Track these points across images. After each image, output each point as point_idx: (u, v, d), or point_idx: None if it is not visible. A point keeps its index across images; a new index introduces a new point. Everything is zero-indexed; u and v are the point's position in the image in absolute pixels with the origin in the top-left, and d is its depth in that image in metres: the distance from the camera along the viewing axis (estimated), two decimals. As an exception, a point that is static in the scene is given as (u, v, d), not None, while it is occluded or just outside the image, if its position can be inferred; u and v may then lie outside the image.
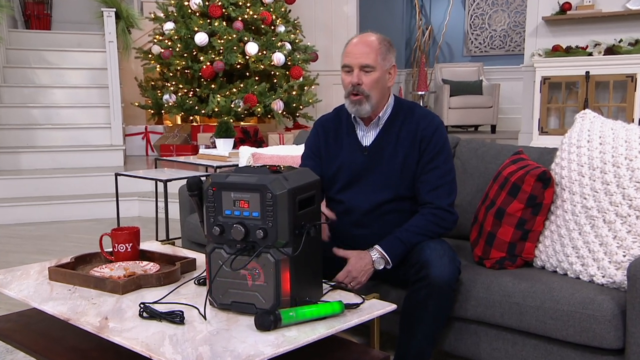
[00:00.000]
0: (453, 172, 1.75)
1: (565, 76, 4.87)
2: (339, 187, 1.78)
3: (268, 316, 1.24)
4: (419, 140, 1.71)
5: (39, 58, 5.69)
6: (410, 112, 1.76)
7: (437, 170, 1.70)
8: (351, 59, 1.69)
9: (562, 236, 1.64)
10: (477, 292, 1.63)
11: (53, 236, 3.83)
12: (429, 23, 8.52)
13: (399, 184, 1.72)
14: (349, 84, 1.70)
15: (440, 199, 1.69)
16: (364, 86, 1.68)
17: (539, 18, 5.10)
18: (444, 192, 1.70)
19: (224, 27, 5.17)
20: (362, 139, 1.78)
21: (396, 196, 1.73)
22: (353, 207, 1.74)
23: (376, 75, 1.69)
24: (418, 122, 1.73)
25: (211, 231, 1.34)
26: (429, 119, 1.74)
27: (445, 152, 1.73)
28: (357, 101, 1.70)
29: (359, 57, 1.67)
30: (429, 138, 1.71)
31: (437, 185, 1.70)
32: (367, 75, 1.68)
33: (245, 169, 1.40)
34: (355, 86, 1.68)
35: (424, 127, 1.72)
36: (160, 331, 1.23)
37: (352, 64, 1.68)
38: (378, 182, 1.73)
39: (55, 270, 1.58)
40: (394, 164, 1.72)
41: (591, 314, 1.45)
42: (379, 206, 1.72)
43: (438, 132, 1.72)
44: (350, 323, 1.31)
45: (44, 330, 1.56)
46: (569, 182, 1.66)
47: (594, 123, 1.72)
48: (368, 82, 1.68)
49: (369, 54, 1.67)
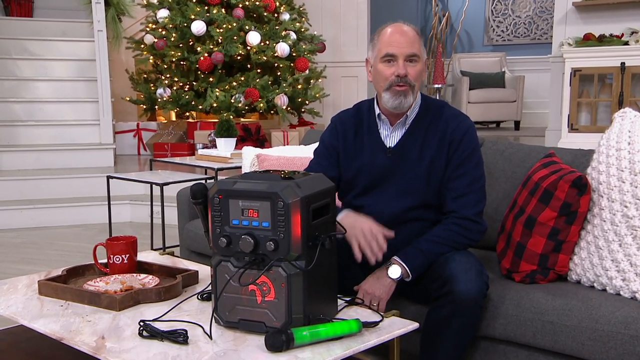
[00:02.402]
0: (483, 179, 1.74)
1: (598, 67, 4.85)
2: (359, 192, 1.77)
3: (279, 336, 1.24)
4: (447, 143, 1.71)
5: (20, 48, 5.71)
6: (439, 112, 1.76)
7: (465, 177, 1.70)
8: (396, 48, 1.67)
9: (600, 248, 1.64)
10: (506, 308, 1.63)
11: (37, 244, 3.85)
12: (446, 9, 8.51)
13: (425, 190, 1.72)
14: (391, 75, 1.68)
15: (466, 208, 1.69)
16: (409, 77, 1.68)
17: (568, 3, 5.08)
18: (470, 201, 1.70)
19: (223, 15, 5.18)
20: (385, 140, 1.78)
21: (422, 203, 1.73)
22: (373, 213, 1.73)
23: (420, 67, 1.71)
24: (447, 123, 1.73)
25: (217, 242, 1.35)
26: (459, 120, 1.74)
27: (475, 158, 1.72)
28: (403, 92, 1.68)
29: (404, 47, 1.67)
30: (458, 141, 1.71)
31: (464, 192, 1.70)
32: (412, 65, 1.68)
33: (254, 174, 1.41)
34: (403, 77, 1.67)
35: (453, 129, 1.72)
36: (163, 352, 1.24)
37: (398, 54, 1.67)
38: (402, 188, 1.73)
39: (46, 284, 1.59)
40: (420, 168, 1.72)
41: (635, 334, 1.44)
42: (403, 214, 1.72)
43: (468, 135, 1.72)
44: (369, 343, 1.31)
45: (34, 350, 1.57)
46: (607, 188, 1.65)
47: (635, 123, 1.71)
48: (414, 73, 1.68)
49: (414, 44, 1.68)
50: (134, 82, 5.75)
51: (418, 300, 1.73)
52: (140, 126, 6.03)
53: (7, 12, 6.42)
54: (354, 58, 6.57)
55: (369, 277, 1.66)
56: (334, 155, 1.82)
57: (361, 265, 1.75)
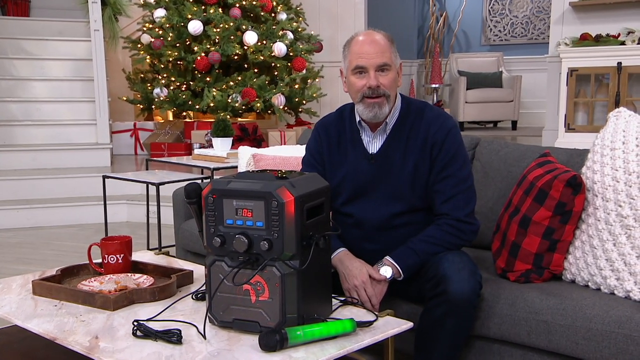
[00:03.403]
0: (470, 179, 1.73)
1: (594, 67, 4.86)
2: (345, 199, 1.77)
3: (273, 335, 1.24)
4: (429, 146, 1.70)
5: (17, 48, 5.70)
6: (420, 114, 1.73)
7: (451, 178, 1.69)
8: (365, 60, 1.64)
9: (595, 247, 1.64)
10: (501, 308, 1.64)
11: (33, 244, 3.85)
12: (443, 9, 8.52)
13: (411, 194, 1.71)
14: (363, 87, 1.66)
15: (457, 210, 1.68)
16: (382, 87, 1.66)
17: (565, 3, 5.09)
18: (460, 202, 1.69)
19: (220, 15, 5.18)
20: (367, 146, 1.76)
21: (409, 208, 1.72)
22: (362, 220, 1.74)
23: (393, 75, 1.68)
24: (429, 125, 1.71)
25: (211, 242, 1.35)
26: (440, 121, 1.72)
27: (460, 158, 1.71)
28: (377, 103, 1.67)
29: (374, 57, 1.64)
30: (441, 143, 1.69)
31: (452, 194, 1.69)
32: (384, 75, 1.66)
33: (249, 174, 1.41)
34: (375, 89, 1.65)
35: (435, 132, 1.70)
36: (156, 352, 1.24)
37: (368, 65, 1.65)
38: (387, 194, 1.72)
39: (40, 284, 1.59)
40: (404, 173, 1.71)
41: (628, 333, 1.45)
42: (390, 219, 1.72)
43: (451, 136, 1.70)
44: (363, 343, 1.32)
45: (28, 350, 1.57)
46: (602, 187, 1.66)
47: (630, 123, 1.71)
48: (387, 82, 1.66)
49: (384, 52, 1.65)
50: (131, 81, 5.75)
51: (412, 299, 1.73)
52: (137, 126, 6.03)
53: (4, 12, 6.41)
54: (351, 58, 6.55)
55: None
56: (322, 162, 1.81)
57: None
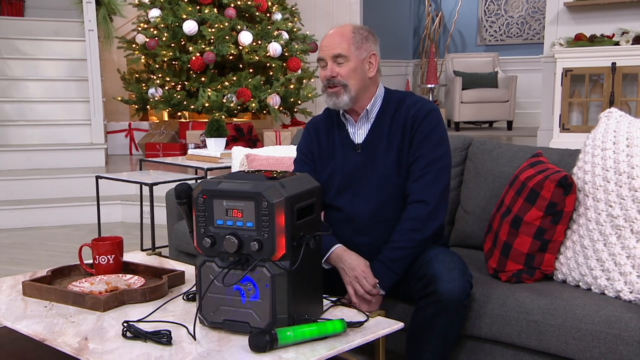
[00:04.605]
0: (444, 160, 1.70)
1: (589, 68, 4.87)
2: (335, 192, 1.78)
3: (263, 336, 1.24)
4: (409, 128, 1.72)
5: (11, 48, 5.69)
6: (401, 101, 1.77)
7: (423, 158, 1.69)
8: (324, 52, 1.74)
9: (585, 247, 1.65)
10: (492, 308, 1.64)
11: (27, 244, 3.84)
12: (439, 9, 8.53)
13: (397, 182, 1.72)
14: (324, 79, 1.74)
15: (419, 191, 1.67)
16: (339, 77, 1.71)
17: (560, 3, 5.10)
18: (426, 183, 1.67)
19: (215, 15, 5.17)
20: (353, 136, 1.80)
21: (396, 195, 1.73)
22: (353, 213, 1.74)
23: (351, 65, 1.71)
24: (408, 110, 1.74)
25: (201, 243, 1.35)
26: (420, 104, 1.75)
27: (434, 138, 1.70)
28: (333, 93, 1.73)
29: (330, 48, 1.72)
30: (419, 124, 1.71)
31: (420, 175, 1.69)
32: (341, 66, 1.71)
33: (239, 174, 1.41)
34: (330, 79, 1.72)
35: (414, 113, 1.73)
36: (146, 353, 1.24)
37: (325, 56, 1.73)
38: (375, 183, 1.74)
39: (30, 285, 1.58)
40: (389, 158, 1.73)
41: (617, 333, 1.45)
42: (380, 209, 1.73)
43: (429, 117, 1.72)
44: (353, 343, 1.32)
45: (17, 351, 1.56)
46: (592, 188, 1.66)
47: (621, 123, 1.72)
48: (344, 72, 1.71)
49: (341, 44, 1.71)
50: (126, 81, 5.74)
51: (404, 299, 1.73)
52: (132, 126, 6.02)
53: (-2, 12, 6.39)
54: (346, 58, 6.56)
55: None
56: (311, 159, 1.85)
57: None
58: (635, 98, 4.84)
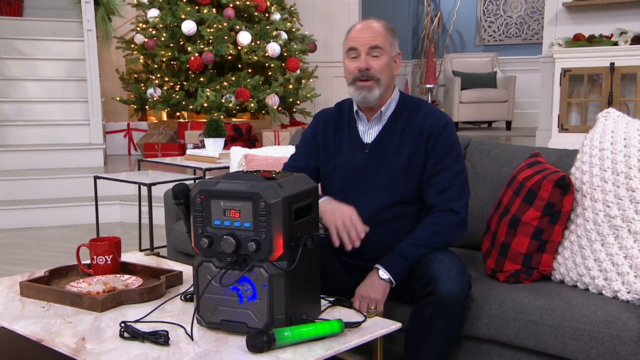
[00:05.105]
0: (464, 173, 1.75)
1: (587, 68, 4.87)
2: (336, 188, 1.78)
3: (261, 336, 1.24)
4: (425, 139, 1.72)
5: (9, 48, 5.69)
6: (417, 108, 1.77)
7: (446, 171, 1.70)
8: (358, 42, 1.70)
9: (583, 247, 1.65)
10: (490, 308, 1.64)
11: (26, 244, 3.83)
12: (438, 9, 8.53)
13: (403, 186, 1.72)
14: (354, 70, 1.71)
15: (449, 201, 1.69)
16: (373, 70, 1.69)
17: (559, 4, 5.10)
18: (453, 195, 1.70)
19: (214, 15, 5.17)
20: (363, 135, 1.79)
21: (401, 199, 1.73)
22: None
23: (385, 60, 1.71)
24: (424, 119, 1.74)
25: (199, 243, 1.35)
26: (437, 115, 1.75)
27: (455, 152, 1.73)
28: (366, 87, 1.70)
29: (366, 40, 1.69)
30: (437, 136, 1.71)
31: (446, 187, 1.70)
32: (375, 59, 1.70)
33: (237, 174, 1.41)
34: (364, 72, 1.69)
35: (431, 125, 1.72)
36: (143, 353, 1.24)
37: (359, 47, 1.69)
38: (380, 184, 1.73)
39: (28, 285, 1.58)
40: (397, 163, 1.73)
41: (615, 333, 1.45)
42: (382, 211, 1.72)
43: (447, 130, 1.73)
44: (351, 344, 1.32)
45: (15, 352, 1.56)
46: (590, 188, 1.66)
47: (618, 123, 1.72)
48: (377, 66, 1.70)
49: (377, 37, 1.70)
50: (125, 82, 5.74)
51: (402, 300, 1.73)
52: (131, 126, 6.02)
53: (-3, 12, 6.39)
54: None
55: (363, 282, 1.65)
56: (315, 146, 1.83)
57: (349, 270, 1.75)
58: (633, 98, 4.84)
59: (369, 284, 1.63)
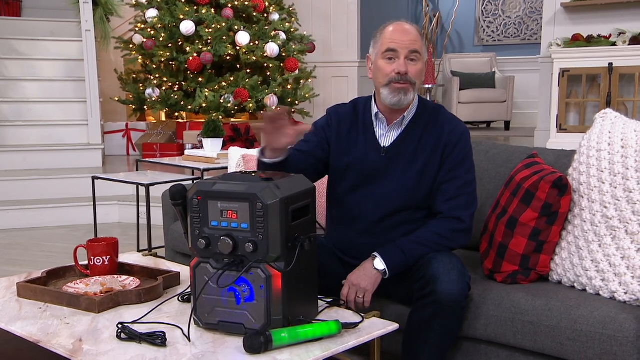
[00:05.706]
0: (474, 184, 1.75)
1: (586, 68, 4.87)
2: (348, 188, 1.77)
3: (258, 337, 1.24)
4: (442, 146, 1.72)
5: (7, 48, 5.68)
6: (435, 115, 1.76)
7: (457, 180, 1.71)
8: (398, 44, 1.66)
9: (581, 248, 1.65)
10: (488, 309, 1.64)
11: (24, 245, 3.83)
12: (436, 9, 8.53)
13: (415, 192, 1.72)
14: (391, 72, 1.67)
15: (455, 209, 1.70)
16: (410, 74, 1.67)
17: (557, 4, 5.11)
18: (460, 203, 1.70)
19: (212, 15, 5.17)
20: (380, 139, 1.77)
21: (410, 205, 1.73)
22: (362, 213, 1.74)
23: (420, 65, 1.71)
24: (442, 126, 1.74)
25: (196, 244, 1.35)
26: (455, 123, 1.76)
27: (468, 162, 1.74)
28: (403, 89, 1.68)
29: (407, 44, 1.66)
30: (454, 145, 1.72)
31: (455, 195, 1.70)
32: (412, 64, 1.68)
33: (234, 175, 1.41)
34: (404, 75, 1.67)
35: (449, 132, 1.73)
36: (140, 354, 1.24)
37: (399, 50, 1.66)
38: (392, 188, 1.73)
39: (25, 286, 1.58)
40: (412, 170, 1.72)
41: (612, 334, 1.45)
42: (391, 215, 1.72)
43: (463, 140, 1.74)
44: (348, 344, 1.32)
45: (12, 353, 1.56)
46: (587, 189, 1.66)
47: (616, 124, 1.72)
48: (414, 71, 1.68)
49: (416, 41, 1.69)
50: (123, 82, 5.73)
51: (401, 300, 1.73)
52: (130, 126, 6.01)
53: (-5, 12, 6.38)
54: (344, 58, 6.57)
55: (356, 270, 1.66)
56: (324, 138, 1.80)
57: (347, 271, 1.74)
58: (632, 98, 4.85)
59: (362, 272, 1.64)
